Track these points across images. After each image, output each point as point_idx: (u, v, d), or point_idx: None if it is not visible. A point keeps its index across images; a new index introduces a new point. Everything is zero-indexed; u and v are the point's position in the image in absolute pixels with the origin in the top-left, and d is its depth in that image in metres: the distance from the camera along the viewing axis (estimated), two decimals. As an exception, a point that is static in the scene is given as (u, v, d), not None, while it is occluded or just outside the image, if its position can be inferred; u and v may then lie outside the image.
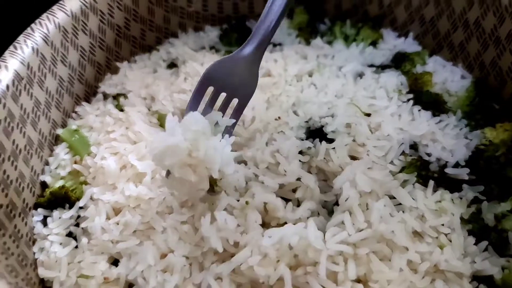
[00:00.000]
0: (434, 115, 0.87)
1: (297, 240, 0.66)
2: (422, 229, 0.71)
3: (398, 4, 1.02)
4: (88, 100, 0.96)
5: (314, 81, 0.93)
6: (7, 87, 0.74)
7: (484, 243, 0.71)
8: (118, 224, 0.75)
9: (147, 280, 0.68)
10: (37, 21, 0.82)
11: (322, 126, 0.83)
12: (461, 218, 0.73)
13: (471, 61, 0.94)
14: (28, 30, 0.81)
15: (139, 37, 1.02)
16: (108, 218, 0.76)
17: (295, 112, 0.86)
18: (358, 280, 0.67)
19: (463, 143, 0.82)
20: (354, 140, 0.81)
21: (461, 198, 0.75)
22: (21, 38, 0.79)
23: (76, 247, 0.76)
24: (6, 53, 0.76)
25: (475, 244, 0.71)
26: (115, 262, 0.74)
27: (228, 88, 0.76)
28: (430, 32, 0.99)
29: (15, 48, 0.77)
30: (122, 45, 1.00)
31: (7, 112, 0.73)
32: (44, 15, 0.83)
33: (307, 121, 0.85)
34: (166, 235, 0.73)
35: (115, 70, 1.00)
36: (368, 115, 0.85)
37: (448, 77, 0.94)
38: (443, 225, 0.72)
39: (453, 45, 0.96)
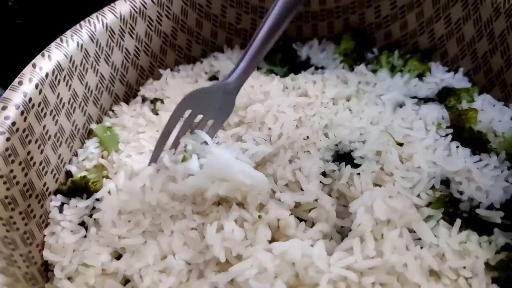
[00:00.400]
0: (474, 153, 0.82)
1: (300, 257, 0.63)
2: (440, 269, 0.65)
3: (450, 37, 0.97)
4: (127, 101, 0.99)
5: (351, 106, 0.91)
6: (46, 75, 0.77)
7: (510, 294, 0.64)
8: (129, 221, 0.75)
9: (142, 278, 0.67)
10: (86, 19, 0.87)
11: (351, 151, 0.80)
12: (486, 264, 0.66)
13: (523, 102, 0.88)
14: (77, 26, 0.85)
15: (185, 48, 1.05)
16: (120, 213, 0.76)
17: (325, 134, 0.84)
18: (359, 311, 0.62)
19: (502, 186, 0.75)
20: (382, 169, 0.77)
21: (490, 243, 0.68)
22: (68, 32, 0.83)
23: (85, 236, 0.76)
24: (52, 44, 0.80)
25: (500, 294, 0.64)
26: (119, 257, 0.73)
27: (205, 113, 0.82)
28: (482, 68, 0.93)
29: (61, 41, 0.81)
30: (167, 53, 1.03)
31: (42, 98, 0.77)
32: (94, 15, 0.88)
33: (336, 144, 0.82)
34: (172, 238, 0.72)
35: (158, 77, 1.03)
36: (401, 144, 0.81)
37: (496, 117, 0.88)
38: (464, 268, 0.65)
39: (506, 84, 0.90)
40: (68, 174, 0.86)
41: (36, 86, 0.75)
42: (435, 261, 0.65)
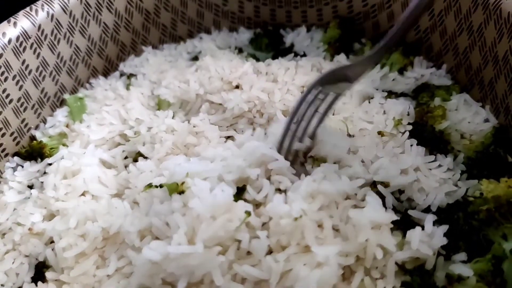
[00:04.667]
0: (431, 153, 0.77)
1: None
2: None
3: (434, 30, 0.91)
4: (106, 76, 1.02)
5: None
6: (9, 40, 0.81)
7: (417, 304, 0.59)
8: (70, 185, 0.77)
9: (61, 239, 0.69)
10: (61, -10, 0.90)
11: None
12: (401, 266, 0.62)
13: (498, 103, 0.80)
14: (50, -4, 0.88)
15: (170, 27, 1.06)
16: (65, 178, 0.79)
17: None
18: None
19: (447, 189, 0.70)
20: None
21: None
22: (39, 2, 0.87)
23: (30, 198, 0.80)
24: (20, 12, 0.84)
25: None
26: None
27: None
28: (463, 65, 0.87)
29: (31, 9, 0.85)
30: (150, 31, 1.04)
31: (2, 63, 0.80)
32: (69, -13, 0.91)
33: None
34: (102, 207, 0.74)
35: (140, 53, 1.05)
36: (351, 136, 0.78)
37: (467, 118, 0.81)
38: (376, 267, 0.62)
39: (483, 83, 0.83)
40: (33, 139, 0.90)
41: (-4, 50, 0.79)
42: (352, 259, 0.62)
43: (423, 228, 0.64)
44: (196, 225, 0.62)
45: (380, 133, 0.77)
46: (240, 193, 0.67)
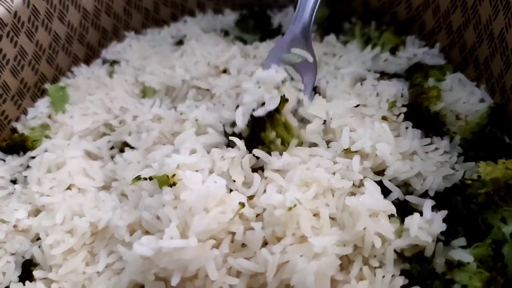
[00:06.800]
0: (426, 135, 0.75)
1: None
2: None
3: (426, 8, 0.89)
4: (88, 63, 0.98)
5: (306, 77, 0.85)
6: (-16, 29, 0.77)
7: (415, 291, 0.58)
8: (55, 179, 0.74)
9: (48, 236, 0.67)
10: (36, -26, 0.85)
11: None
12: (400, 253, 0.60)
13: (493, 82, 0.79)
14: (25, -18, 0.84)
15: (152, 10, 1.02)
16: (49, 171, 0.76)
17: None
18: None
19: (445, 173, 0.69)
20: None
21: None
22: (14, -12, 0.82)
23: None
24: (-6, -1, 0.80)
25: (405, 289, 0.59)
26: (43, 216, 0.73)
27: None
28: (457, 44, 0.85)
29: (5, -5, 0.81)
30: (132, 15, 1.00)
31: (-24, 52, 0.77)
32: (45, -29, 0.86)
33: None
34: (89, 200, 0.71)
35: (123, 39, 1.01)
36: None
37: (462, 98, 0.79)
38: (375, 256, 0.60)
39: (478, 62, 0.81)
40: (15, 131, 0.86)
41: (-30, 40, 0.75)
42: (350, 248, 0.61)
43: (421, 213, 0.63)
44: (188, 218, 0.59)
45: (384, 118, 0.74)
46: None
